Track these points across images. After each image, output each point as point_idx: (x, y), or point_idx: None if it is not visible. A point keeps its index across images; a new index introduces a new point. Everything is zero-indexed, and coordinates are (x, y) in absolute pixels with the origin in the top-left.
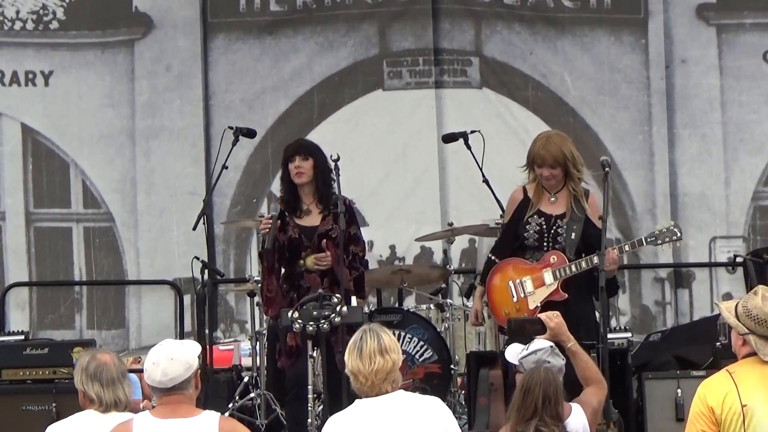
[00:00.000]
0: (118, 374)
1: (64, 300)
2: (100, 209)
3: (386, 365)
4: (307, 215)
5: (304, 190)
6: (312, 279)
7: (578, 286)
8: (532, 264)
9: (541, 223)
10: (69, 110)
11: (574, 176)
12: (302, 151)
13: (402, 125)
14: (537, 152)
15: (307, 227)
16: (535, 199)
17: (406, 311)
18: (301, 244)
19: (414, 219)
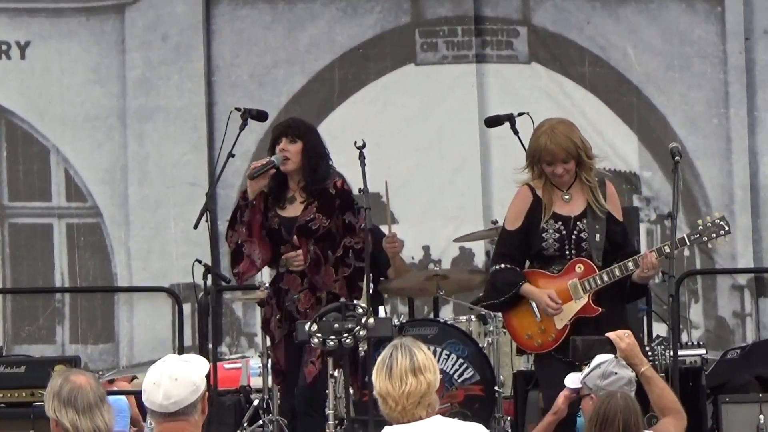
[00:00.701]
0: (96, 399)
1: (43, 309)
2: (86, 203)
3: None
4: (290, 204)
5: (292, 177)
6: (291, 280)
7: (609, 297)
8: (555, 276)
9: (560, 228)
10: (49, 87)
11: (586, 166)
12: (289, 132)
13: (437, 106)
14: (544, 147)
15: (287, 218)
16: (547, 200)
17: (443, 323)
18: (280, 237)
19: (452, 216)
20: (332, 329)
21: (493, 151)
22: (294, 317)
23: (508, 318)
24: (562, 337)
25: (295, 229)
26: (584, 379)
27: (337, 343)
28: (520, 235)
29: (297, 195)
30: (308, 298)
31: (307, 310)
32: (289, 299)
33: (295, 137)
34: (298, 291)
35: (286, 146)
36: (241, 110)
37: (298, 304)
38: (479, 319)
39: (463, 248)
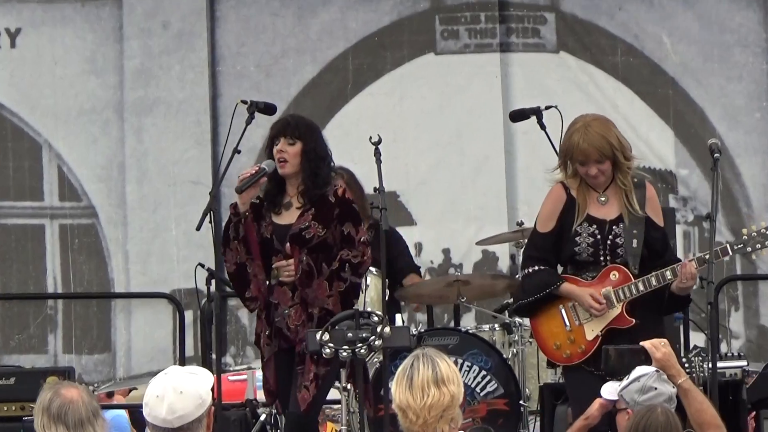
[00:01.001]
0: (89, 414)
1: (34, 317)
2: (80, 202)
3: (443, 399)
4: (286, 210)
5: (291, 181)
6: (281, 294)
7: (646, 307)
8: (588, 283)
9: (595, 231)
10: (41, 78)
11: (623, 167)
12: (288, 131)
13: (459, 99)
14: (577, 146)
15: (281, 226)
16: (581, 201)
17: (464, 333)
18: (272, 247)
19: (474, 216)
20: (345, 339)
21: (518, 147)
22: (284, 334)
23: (536, 326)
24: (593, 349)
25: (288, 237)
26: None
27: (351, 354)
28: (552, 237)
29: (294, 200)
30: (299, 314)
31: (297, 327)
32: (278, 314)
33: (295, 137)
34: (288, 306)
35: (284, 147)
36: (248, 103)
37: (288, 320)
38: (503, 328)
39: (486, 251)
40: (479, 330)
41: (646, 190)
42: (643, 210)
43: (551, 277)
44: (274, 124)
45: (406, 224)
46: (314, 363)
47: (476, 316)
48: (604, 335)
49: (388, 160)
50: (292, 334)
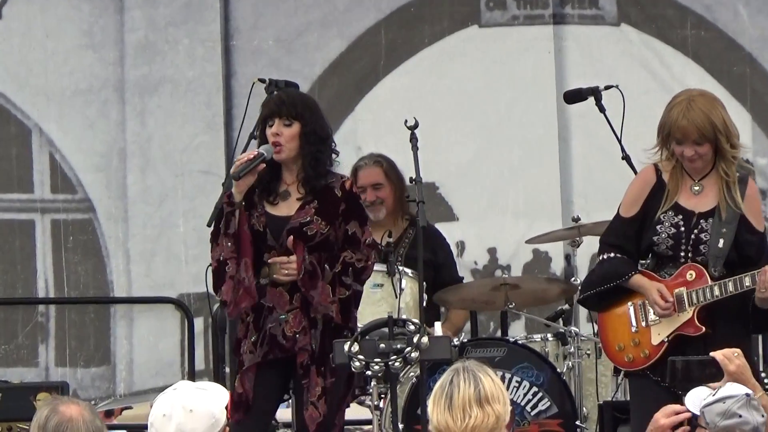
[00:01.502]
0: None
1: (22, 324)
2: (75, 195)
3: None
4: (283, 200)
5: (288, 167)
6: (276, 296)
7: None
8: (664, 281)
9: (679, 222)
10: (30, 53)
11: (727, 154)
12: (283, 110)
13: (506, 77)
14: (675, 122)
15: (277, 218)
16: (672, 186)
17: (513, 344)
18: (264, 242)
19: (523, 211)
20: (377, 350)
21: (573, 132)
22: (278, 342)
23: (603, 322)
24: (657, 355)
25: (286, 232)
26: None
27: (384, 367)
28: (634, 224)
29: (293, 190)
30: (299, 320)
31: (296, 335)
32: (273, 320)
33: (291, 117)
34: (286, 310)
35: (279, 129)
36: (266, 82)
37: (286, 327)
38: (557, 338)
39: (538, 251)
40: (530, 340)
41: (747, 188)
42: (740, 208)
43: (624, 266)
44: (266, 102)
45: (446, 220)
46: (320, 375)
47: (526, 324)
48: (671, 342)
49: (426, 148)
50: (289, 343)
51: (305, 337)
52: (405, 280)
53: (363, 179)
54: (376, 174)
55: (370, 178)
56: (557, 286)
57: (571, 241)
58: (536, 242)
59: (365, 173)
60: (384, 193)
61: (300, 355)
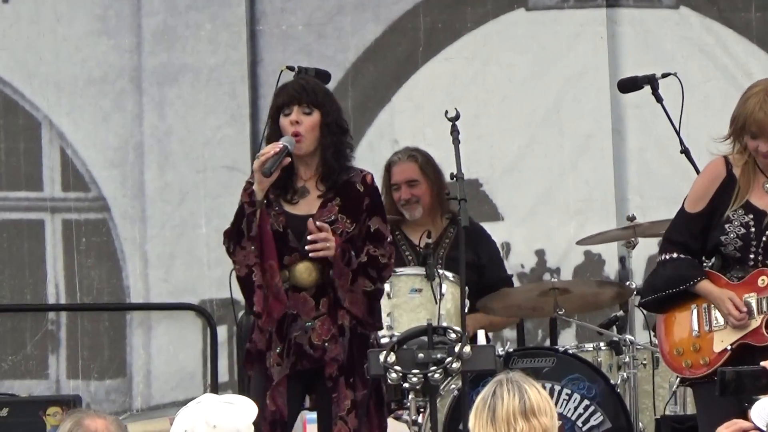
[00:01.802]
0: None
1: (31, 333)
2: (88, 193)
3: None
4: (302, 197)
5: (305, 162)
6: (300, 301)
7: None
8: (732, 284)
9: (749, 222)
10: (40, 40)
11: None
12: (303, 98)
13: (555, 65)
14: (751, 114)
15: (297, 217)
16: (743, 183)
17: (563, 353)
18: (285, 244)
19: (574, 210)
20: (416, 360)
21: (628, 124)
22: (305, 352)
23: (662, 324)
24: (718, 364)
25: None
26: None
27: (422, 379)
28: (701, 220)
29: (311, 186)
30: (327, 327)
31: (325, 344)
32: (298, 328)
33: (312, 105)
34: (312, 317)
35: (299, 117)
36: (295, 70)
37: (313, 335)
38: (611, 347)
39: (590, 253)
40: (581, 350)
41: None
42: None
43: (690, 270)
44: (282, 89)
45: (491, 219)
46: (350, 387)
47: (577, 332)
48: (734, 350)
49: (469, 141)
50: (317, 352)
51: (335, 346)
52: (446, 284)
53: (397, 176)
54: (411, 170)
55: (404, 174)
56: (611, 290)
57: (626, 242)
58: (588, 243)
59: (399, 169)
60: (420, 190)
61: (329, 366)
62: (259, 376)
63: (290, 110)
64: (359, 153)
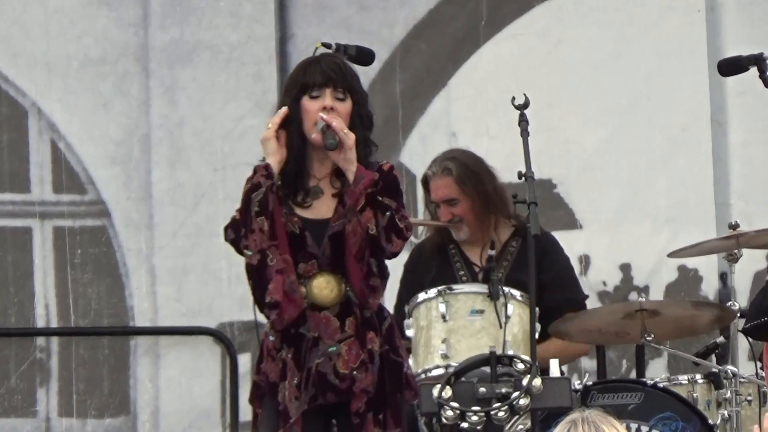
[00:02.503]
0: None
1: (16, 363)
2: (84, 195)
3: None
4: (314, 198)
5: (319, 156)
6: (321, 322)
7: None
8: None
9: None
10: (27, 12)
11: None
12: (340, 80)
13: (644, 44)
14: None
15: (314, 222)
16: None
17: (652, 387)
18: (302, 248)
19: (665, 217)
20: (476, 396)
21: (731, 113)
22: (329, 383)
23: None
24: None
25: (327, 239)
26: None
27: (484, 418)
28: None
29: (325, 184)
30: (355, 353)
31: (353, 372)
32: (320, 354)
33: (346, 90)
34: (337, 340)
35: (333, 103)
36: (332, 47)
37: (338, 363)
38: (709, 380)
39: (684, 268)
40: (673, 383)
41: None
42: None
43: None
44: (311, 65)
45: (567, 227)
46: (379, 425)
47: (670, 362)
48: None
49: (540, 133)
50: (344, 383)
51: (366, 374)
52: (512, 305)
53: (433, 194)
54: (446, 187)
55: (439, 192)
56: (709, 312)
57: (728, 255)
58: (682, 256)
59: (435, 186)
60: (460, 209)
61: (357, 399)
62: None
63: (321, 93)
64: (409, 147)
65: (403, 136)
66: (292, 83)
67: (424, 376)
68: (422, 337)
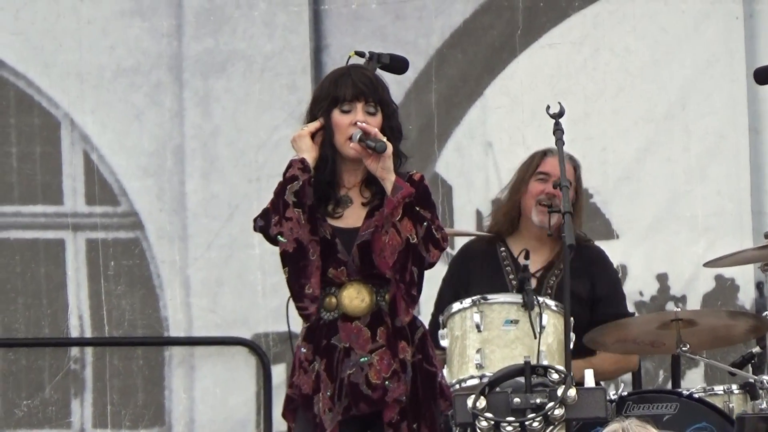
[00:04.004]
0: None
1: (51, 374)
2: (117, 207)
3: None
4: (344, 208)
5: (351, 167)
6: (353, 332)
7: None
8: None
9: None
10: (60, 22)
11: None
12: (371, 93)
13: (681, 52)
14: None
15: (344, 230)
16: None
17: (687, 397)
18: (332, 254)
19: (703, 226)
20: (511, 406)
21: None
22: (361, 393)
23: None
24: None
25: (356, 248)
26: None
27: (519, 428)
28: None
29: (354, 194)
30: (386, 362)
31: (386, 382)
32: (352, 364)
33: (377, 104)
34: (368, 350)
35: (363, 117)
36: (366, 56)
37: (370, 373)
38: (745, 390)
39: (721, 278)
40: (709, 394)
41: None
42: None
43: None
44: (341, 77)
45: (604, 237)
46: None
47: (706, 372)
48: None
49: (576, 143)
50: (377, 393)
51: (398, 384)
52: (547, 314)
53: (548, 166)
54: (567, 170)
55: (557, 169)
56: (745, 322)
57: (764, 264)
58: (719, 265)
59: (553, 161)
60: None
61: (390, 409)
62: (305, 425)
63: (351, 107)
64: (444, 157)
65: (439, 146)
66: (323, 95)
67: (459, 386)
68: (457, 347)
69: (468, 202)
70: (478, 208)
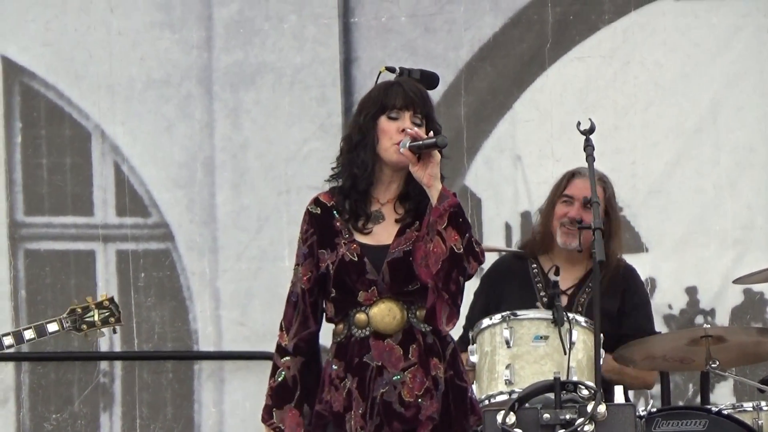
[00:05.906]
0: None
1: (80, 387)
2: (148, 218)
3: None
4: (375, 224)
5: (386, 180)
6: (386, 351)
7: None
8: None
9: None
10: (90, 34)
11: None
12: (419, 105)
13: (711, 65)
14: None
15: (374, 248)
16: None
17: (716, 414)
18: (362, 275)
19: (733, 240)
20: (541, 422)
21: None
22: (394, 411)
23: None
24: None
25: (387, 266)
26: None
27: None
28: None
29: (387, 210)
30: (419, 380)
31: (419, 400)
32: (384, 382)
33: (424, 117)
34: (401, 368)
35: (410, 126)
36: (396, 71)
37: (403, 391)
38: None
39: (750, 292)
40: (738, 410)
41: None
42: None
43: None
44: (392, 86)
45: (633, 251)
46: None
47: (735, 388)
48: None
49: (605, 156)
50: (410, 411)
51: (431, 402)
52: (577, 330)
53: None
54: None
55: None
56: None
57: None
58: (748, 282)
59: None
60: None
61: (422, 427)
62: None
63: (400, 115)
64: (473, 171)
65: (468, 160)
66: (371, 102)
67: (488, 402)
68: (486, 362)
69: (497, 215)
70: (506, 221)
